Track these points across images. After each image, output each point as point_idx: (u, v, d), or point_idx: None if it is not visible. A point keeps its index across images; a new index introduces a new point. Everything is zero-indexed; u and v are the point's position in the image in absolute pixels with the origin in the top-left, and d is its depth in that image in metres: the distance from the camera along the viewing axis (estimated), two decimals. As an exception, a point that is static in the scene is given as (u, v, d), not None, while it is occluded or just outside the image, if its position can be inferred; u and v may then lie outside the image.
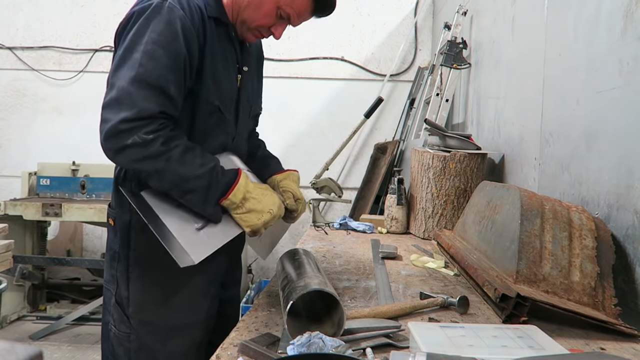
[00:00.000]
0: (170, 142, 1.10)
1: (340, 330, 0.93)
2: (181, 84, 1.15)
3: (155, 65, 1.10)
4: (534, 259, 1.17)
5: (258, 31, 1.29)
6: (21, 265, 3.50)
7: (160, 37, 1.11)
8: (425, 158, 2.11)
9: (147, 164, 1.10)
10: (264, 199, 1.21)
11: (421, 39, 4.13)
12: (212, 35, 1.22)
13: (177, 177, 1.12)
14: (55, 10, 4.22)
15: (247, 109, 1.39)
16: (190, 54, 1.16)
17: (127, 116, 1.06)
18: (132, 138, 1.07)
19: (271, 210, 1.20)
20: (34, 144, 4.25)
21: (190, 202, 1.17)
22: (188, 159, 1.12)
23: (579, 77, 1.46)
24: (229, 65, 1.28)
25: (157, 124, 1.09)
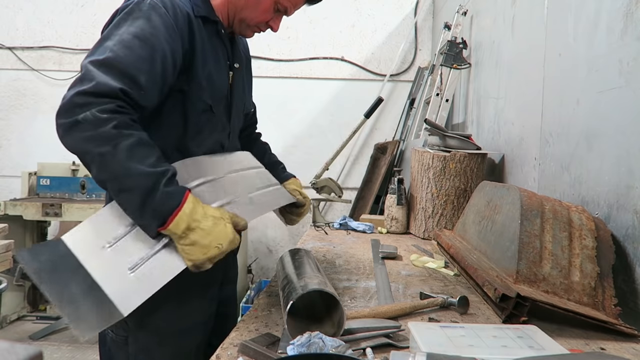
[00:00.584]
0: (124, 129, 0.98)
1: (340, 330, 0.93)
2: (155, 78, 1.07)
3: (127, 53, 1.03)
4: (534, 259, 1.17)
5: (257, 27, 1.31)
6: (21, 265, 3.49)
7: (137, 30, 1.07)
8: (425, 158, 2.11)
9: (93, 144, 0.97)
10: (214, 231, 1.02)
11: (421, 39, 4.13)
12: (201, 34, 1.22)
13: (120, 169, 0.97)
14: (55, 10, 4.23)
15: (239, 106, 1.40)
16: (172, 52, 1.11)
17: (84, 89, 0.97)
18: (83, 114, 0.96)
19: (220, 245, 1.02)
20: (34, 144, 4.25)
21: (125, 203, 1.01)
22: (139, 153, 0.98)
23: (579, 77, 1.46)
24: (220, 62, 1.28)
25: (115, 105, 0.98)
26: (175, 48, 1.12)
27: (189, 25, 1.18)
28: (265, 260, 4.23)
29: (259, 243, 4.23)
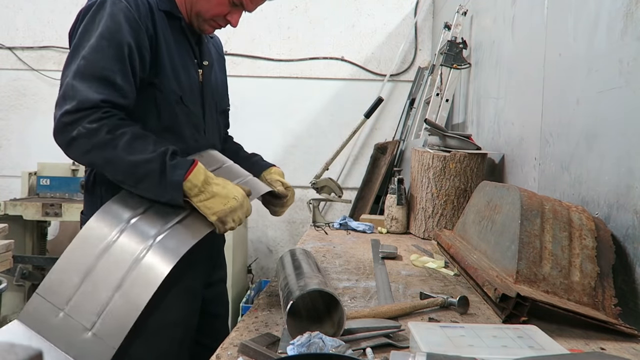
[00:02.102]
0: (116, 130, 1.06)
1: (340, 330, 0.93)
2: (128, 73, 1.13)
3: (99, 57, 1.09)
4: (534, 259, 1.17)
5: (214, 21, 1.29)
6: (21, 265, 3.49)
7: (103, 30, 1.12)
8: (425, 158, 2.11)
9: (96, 154, 1.07)
10: (228, 185, 1.14)
11: (421, 39, 4.13)
12: (164, 28, 1.23)
13: (128, 165, 1.07)
14: (55, 10, 4.23)
15: (212, 104, 1.40)
16: (138, 44, 1.15)
17: (69, 108, 1.05)
18: (77, 130, 1.05)
19: (236, 197, 1.12)
20: (34, 144, 4.25)
21: (145, 190, 1.12)
22: (137, 146, 1.07)
23: (579, 77, 1.46)
24: (185, 58, 1.28)
25: (101, 112, 1.06)
26: (140, 41, 1.16)
27: (151, 17, 1.19)
28: (265, 260, 4.23)
29: (259, 243, 4.23)
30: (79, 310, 1.03)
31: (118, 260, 1.07)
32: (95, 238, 1.09)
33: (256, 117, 3.93)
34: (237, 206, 1.12)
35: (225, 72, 1.54)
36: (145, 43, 1.17)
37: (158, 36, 1.20)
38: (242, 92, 3.80)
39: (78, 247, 1.09)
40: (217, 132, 1.44)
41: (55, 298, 1.05)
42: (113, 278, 1.05)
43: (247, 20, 1.51)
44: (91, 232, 1.11)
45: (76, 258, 1.07)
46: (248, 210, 1.16)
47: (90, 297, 1.04)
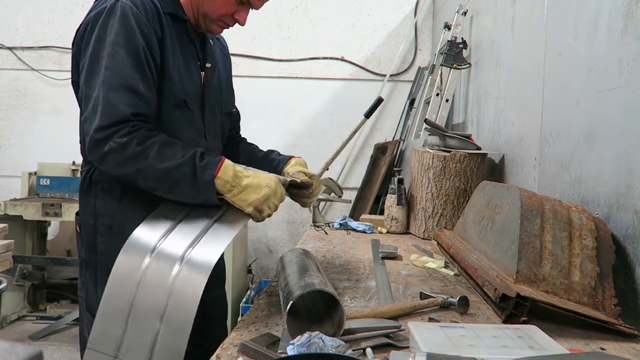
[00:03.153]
0: (145, 141, 1.11)
1: (341, 330, 0.93)
2: (149, 79, 1.17)
3: (120, 66, 1.13)
4: (534, 259, 1.17)
5: (222, 21, 1.29)
6: (21, 265, 3.50)
7: (118, 37, 1.13)
8: (425, 158, 2.11)
9: (129, 166, 1.12)
10: (259, 175, 1.17)
11: (421, 39, 4.13)
12: (169, 31, 1.23)
13: (160, 173, 1.11)
14: (55, 10, 4.23)
15: (214, 106, 1.39)
16: (150, 48, 1.17)
17: (101, 124, 1.10)
18: (108, 145, 1.10)
19: (269, 184, 1.15)
20: (34, 144, 4.25)
21: (180, 194, 1.15)
22: (167, 153, 1.11)
23: (579, 77, 1.46)
24: (189, 61, 1.29)
25: (130, 126, 1.11)
26: (151, 44, 1.18)
27: (159, 20, 1.20)
28: (265, 260, 4.23)
29: (259, 243, 4.23)
30: (131, 352, 1.02)
31: (154, 289, 1.04)
32: (127, 273, 1.07)
33: (256, 117, 3.92)
34: (270, 193, 1.14)
35: (230, 74, 1.54)
36: (155, 47, 1.19)
37: (165, 39, 1.21)
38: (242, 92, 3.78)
39: (114, 287, 1.06)
40: (219, 135, 1.44)
41: (106, 347, 1.03)
42: (154, 309, 1.02)
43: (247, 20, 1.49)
44: (121, 268, 1.08)
45: (115, 300, 1.05)
46: (282, 196, 1.19)
47: (138, 335, 1.02)
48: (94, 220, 1.26)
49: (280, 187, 1.18)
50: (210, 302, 1.43)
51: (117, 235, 1.23)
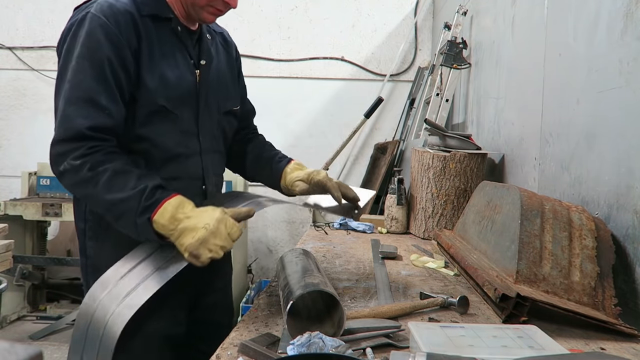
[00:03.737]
0: (98, 167, 1.06)
1: (340, 331, 0.93)
2: (113, 91, 1.11)
3: (81, 78, 1.09)
4: (534, 259, 1.17)
5: (211, 6, 1.22)
6: (21, 265, 3.50)
7: (83, 49, 1.10)
8: (425, 158, 2.11)
9: (79, 189, 1.10)
10: (201, 215, 1.05)
11: (421, 39, 4.13)
12: (149, 34, 1.18)
13: (105, 203, 1.07)
14: (55, 10, 4.22)
15: (210, 105, 1.31)
16: (121, 59, 1.12)
17: (57, 138, 1.09)
18: (63, 165, 1.07)
19: (207, 225, 1.03)
20: (34, 144, 4.24)
21: (124, 228, 1.09)
22: (117, 183, 1.06)
23: (579, 77, 1.46)
24: (178, 60, 1.23)
25: (86, 148, 1.07)
26: (123, 56, 1.13)
27: (134, 27, 1.15)
28: (265, 260, 4.23)
29: (259, 243, 4.23)
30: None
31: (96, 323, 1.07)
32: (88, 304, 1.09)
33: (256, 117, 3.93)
34: (206, 235, 1.02)
35: (234, 69, 1.46)
36: (127, 57, 1.14)
37: (142, 47, 1.16)
38: (242, 92, 3.80)
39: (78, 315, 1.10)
40: (217, 135, 1.37)
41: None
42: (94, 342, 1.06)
43: (247, 21, 1.49)
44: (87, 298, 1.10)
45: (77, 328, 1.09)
46: (232, 233, 1.06)
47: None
48: (83, 224, 1.25)
49: (225, 225, 1.05)
50: (210, 308, 1.40)
51: (105, 240, 1.22)
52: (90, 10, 1.13)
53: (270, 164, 1.44)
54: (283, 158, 1.44)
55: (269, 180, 1.44)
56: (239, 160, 1.51)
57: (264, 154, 1.48)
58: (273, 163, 1.43)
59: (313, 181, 1.31)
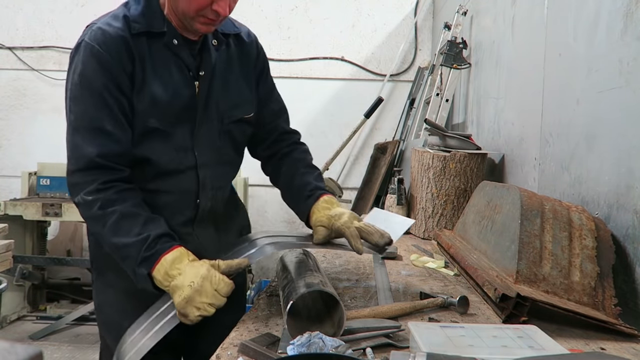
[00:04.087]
0: (107, 207, 1.08)
1: (340, 331, 0.93)
2: (116, 116, 1.13)
3: (84, 108, 1.12)
4: (534, 259, 1.17)
5: (202, 17, 1.15)
6: (21, 265, 3.50)
7: (80, 78, 1.12)
8: (425, 158, 2.11)
9: (89, 224, 1.15)
10: (187, 272, 1.03)
11: (421, 39, 4.13)
12: (142, 54, 1.16)
13: (111, 245, 1.09)
14: (55, 10, 4.23)
15: (212, 116, 1.26)
16: (118, 85, 1.13)
17: (70, 168, 1.12)
18: (77, 197, 1.11)
19: (192, 283, 1.01)
20: (34, 144, 4.25)
21: (127, 270, 1.10)
22: (124, 226, 1.07)
23: (579, 77, 1.46)
24: (173, 75, 1.19)
25: (99, 183, 1.09)
26: (119, 81, 1.13)
27: (127, 49, 1.14)
28: (265, 260, 4.23)
29: (259, 243, 4.23)
30: None
31: None
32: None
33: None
34: (191, 294, 1.00)
35: (249, 74, 1.36)
36: (125, 82, 1.14)
37: (135, 69, 1.15)
38: (242, 92, 3.80)
39: None
40: (223, 146, 1.31)
41: None
42: None
43: (247, 21, 1.47)
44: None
45: None
46: (215, 291, 1.02)
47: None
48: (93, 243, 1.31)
49: (214, 280, 1.02)
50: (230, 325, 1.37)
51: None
52: (85, 38, 1.13)
53: (299, 199, 1.32)
54: (313, 192, 1.30)
55: (299, 217, 1.34)
56: (274, 181, 1.43)
57: (294, 182, 1.35)
58: (301, 200, 1.31)
59: (334, 227, 1.20)
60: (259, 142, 1.43)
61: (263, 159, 1.45)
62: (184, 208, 1.27)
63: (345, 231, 1.17)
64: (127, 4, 1.19)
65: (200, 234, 1.30)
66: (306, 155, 1.42)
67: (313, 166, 1.40)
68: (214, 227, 1.35)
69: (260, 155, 1.46)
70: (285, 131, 1.45)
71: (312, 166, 1.39)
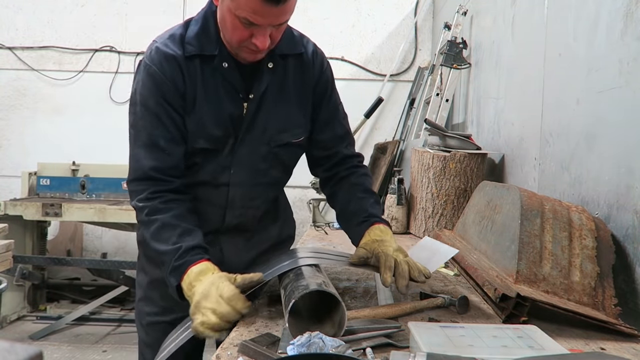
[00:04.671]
0: (152, 214, 1.17)
1: (341, 331, 0.93)
2: (170, 133, 1.20)
3: (143, 125, 1.21)
4: (534, 259, 1.17)
5: (245, 47, 1.16)
6: (21, 265, 3.50)
7: (139, 97, 1.21)
8: (425, 158, 2.11)
9: (140, 228, 1.26)
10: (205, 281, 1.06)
11: (421, 39, 4.13)
12: (194, 76, 1.20)
13: (152, 249, 1.18)
14: (55, 10, 4.23)
15: (257, 138, 1.27)
16: (172, 103, 1.20)
17: (130, 177, 1.23)
18: (133, 202, 1.22)
19: (203, 290, 1.04)
20: (34, 144, 4.25)
21: (163, 275, 1.18)
22: (162, 236, 1.15)
23: (579, 77, 1.46)
24: (221, 97, 1.22)
25: (149, 192, 1.18)
26: (173, 99, 1.20)
27: (179, 70, 1.19)
28: (265, 260, 4.23)
29: (259, 243, 4.23)
30: None
31: None
32: None
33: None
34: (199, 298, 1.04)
35: (306, 96, 1.33)
36: (178, 101, 1.20)
37: (187, 90, 1.20)
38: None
39: None
40: (266, 168, 1.31)
41: None
42: None
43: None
44: None
45: None
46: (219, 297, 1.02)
47: None
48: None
49: (220, 286, 1.03)
50: None
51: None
52: (145, 58, 1.22)
53: (352, 224, 1.31)
54: (367, 219, 1.28)
55: (352, 241, 1.33)
56: (331, 203, 1.43)
57: (349, 207, 1.34)
58: (354, 225, 1.30)
59: (375, 252, 1.19)
60: (320, 164, 1.42)
61: (322, 179, 1.45)
62: (210, 218, 1.33)
63: (381, 258, 1.15)
64: (188, 23, 1.24)
65: (225, 244, 1.36)
66: (364, 180, 1.38)
67: (370, 192, 1.36)
68: (242, 239, 1.39)
69: (319, 175, 1.45)
70: (346, 155, 1.40)
71: (370, 191, 1.36)
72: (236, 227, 1.36)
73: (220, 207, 1.32)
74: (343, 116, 1.45)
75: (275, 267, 1.14)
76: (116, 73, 4.23)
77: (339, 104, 1.45)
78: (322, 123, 1.37)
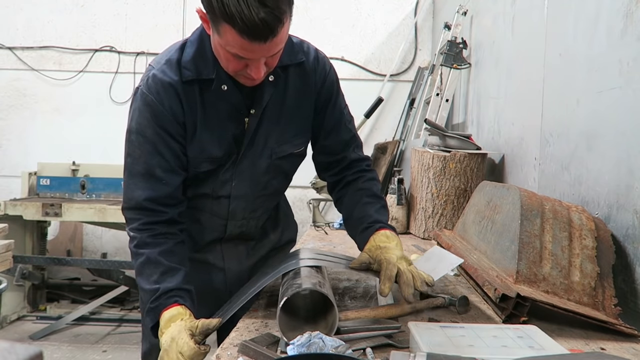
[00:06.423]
0: (140, 248, 1.17)
1: (332, 333, 0.92)
2: (168, 161, 1.18)
3: (139, 154, 1.18)
4: (534, 259, 1.17)
5: (241, 75, 1.12)
6: (21, 265, 3.50)
7: (136, 126, 1.18)
8: (425, 158, 2.11)
9: (131, 255, 1.22)
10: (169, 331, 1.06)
11: (421, 39, 4.13)
12: (192, 102, 1.17)
13: (137, 280, 1.19)
14: (55, 10, 4.22)
15: (258, 151, 1.26)
16: (170, 132, 1.18)
17: (123, 205, 1.22)
18: (127, 229, 1.21)
19: (165, 342, 1.05)
20: (34, 144, 4.25)
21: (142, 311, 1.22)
22: (145, 272, 1.15)
23: (579, 77, 1.46)
24: (221, 118, 1.20)
25: (140, 223, 1.18)
26: (171, 128, 1.18)
27: (177, 97, 1.16)
28: (265, 260, 4.23)
29: (259, 243, 4.23)
30: None
31: None
32: None
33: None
34: (162, 353, 1.06)
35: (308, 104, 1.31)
36: (176, 129, 1.18)
37: (186, 117, 1.18)
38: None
39: None
40: (268, 180, 1.32)
41: None
42: None
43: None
44: None
45: None
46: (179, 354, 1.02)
47: None
48: None
49: (179, 343, 1.02)
50: None
51: None
52: (141, 85, 1.18)
53: (358, 229, 1.29)
54: (372, 224, 1.25)
55: (358, 247, 1.31)
56: (338, 208, 1.41)
57: (355, 212, 1.31)
58: (359, 230, 1.28)
59: (377, 258, 1.15)
60: (327, 169, 1.40)
61: (329, 184, 1.43)
62: (212, 229, 1.35)
63: (383, 266, 1.11)
64: (184, 46, 1.19)
65: (227, 251, 1.41)
66: (371, 185, 1.35)
67: (377, 196, 1.33)
68: (244, 246, 1.44)
69: (327, 180, 1.43)
70: (353, 159, 1.38)
71: (376, 196, 1.33)
72: (238, 236, 1.40)
73: (221, 218, 1.34)
74: (349, 120, 1.43)
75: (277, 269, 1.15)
76: (116, 73, 4.23)
77: (344, 107, 1.43)
78: (327, 128, 1.35)
